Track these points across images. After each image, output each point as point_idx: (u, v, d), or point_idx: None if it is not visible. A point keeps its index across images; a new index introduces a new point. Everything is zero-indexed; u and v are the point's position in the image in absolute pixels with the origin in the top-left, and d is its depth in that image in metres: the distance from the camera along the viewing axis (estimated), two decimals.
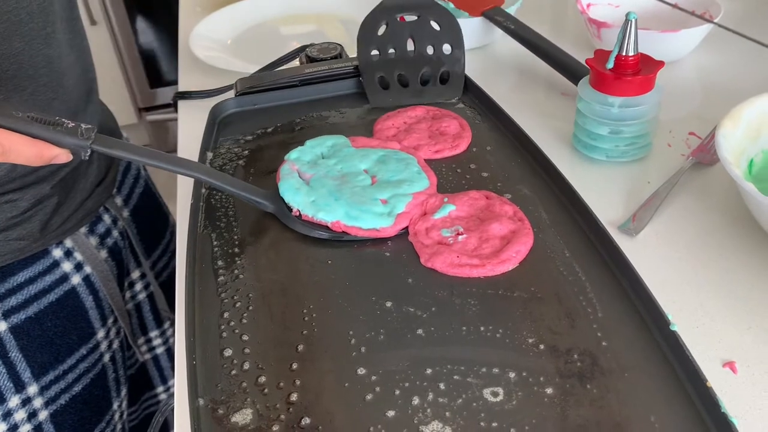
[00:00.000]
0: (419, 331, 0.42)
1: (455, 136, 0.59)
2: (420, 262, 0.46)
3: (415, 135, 0.59)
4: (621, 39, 0.58)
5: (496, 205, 0.50)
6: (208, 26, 0.93)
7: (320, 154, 0.56)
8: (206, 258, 0.48)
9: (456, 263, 0.46)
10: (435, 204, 0.51)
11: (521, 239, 0.47)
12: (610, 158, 0.62)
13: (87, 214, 0.65)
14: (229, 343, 0.42)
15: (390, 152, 0.56)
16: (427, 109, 0.62)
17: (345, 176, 0.53)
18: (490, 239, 0.48)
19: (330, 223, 0.49)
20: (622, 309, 0.42)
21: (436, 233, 0.48)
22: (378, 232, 0.49)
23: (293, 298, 0.44)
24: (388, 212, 0.50)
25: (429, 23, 0.63)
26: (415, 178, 0.53)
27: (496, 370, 0.39)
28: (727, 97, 0.70)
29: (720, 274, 0.50)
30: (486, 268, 0.45)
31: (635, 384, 0.38)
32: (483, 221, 0.49)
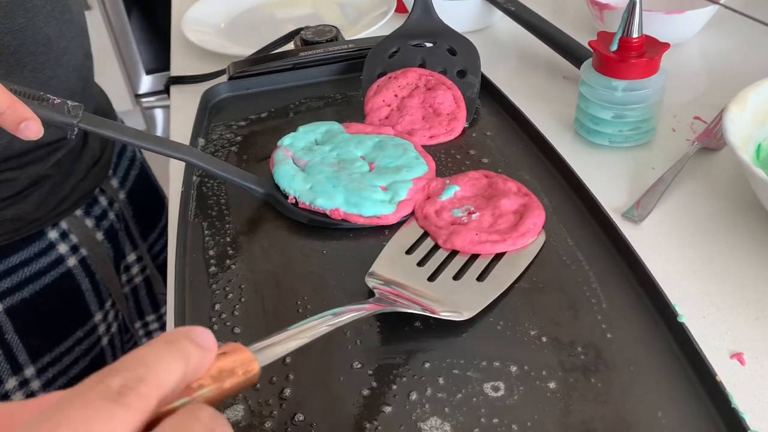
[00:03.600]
0: (417, 323, 0.40)
1: (450, 117, 0.57)
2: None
3: (408, 117, 0.57)
4: (625, 21, 0.56)
5: (498, 182, 0.49)
6: (201, 9, 0.91)
7: (314, 140, 0.55)
8: (197, 248, 0.47)
9: (477, 241, 0.44)
10: (438, 187, 0.49)
11: (534, 212, 0.46)
12: (613, 143, 0.60)
13: (83, 195, 0.64)
14: (221, 337, 0.40)
15: (386, 138, 0.54)
16: (419, 75, 0.60)
17: (341, 162, 0.52)
18: (503, 214, 0.46)
19: (329, 210, 0.48)
20: (628, 300, 0.40)
21: (448, 214, 0.47)
22: (379, 220, 0.47)
23: (287, 290, 0.43)
24: (389, 199, 0.48)
25: (444, 50, 0.61)
26: (414, 164, 0.51)
27: (497, 364, 0.37)
28: (733, 81, 0.69)
29: (726, 262, 0.49)
30: (507, 242, 0.44)
31: (641, 378, 0.36)
32: (490, 199, 0.48)
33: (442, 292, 0.41)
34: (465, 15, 0.80)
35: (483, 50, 0.80)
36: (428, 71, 0.59)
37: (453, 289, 0.42)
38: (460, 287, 0.42)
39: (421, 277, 0.43)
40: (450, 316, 0.39)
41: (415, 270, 0.43)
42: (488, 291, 0.41)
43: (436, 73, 0.59)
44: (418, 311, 0.39)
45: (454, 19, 0.81)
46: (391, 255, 0.45)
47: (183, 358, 0.24)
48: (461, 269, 0.43)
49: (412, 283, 0.42)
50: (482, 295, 0.41)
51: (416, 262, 0.44)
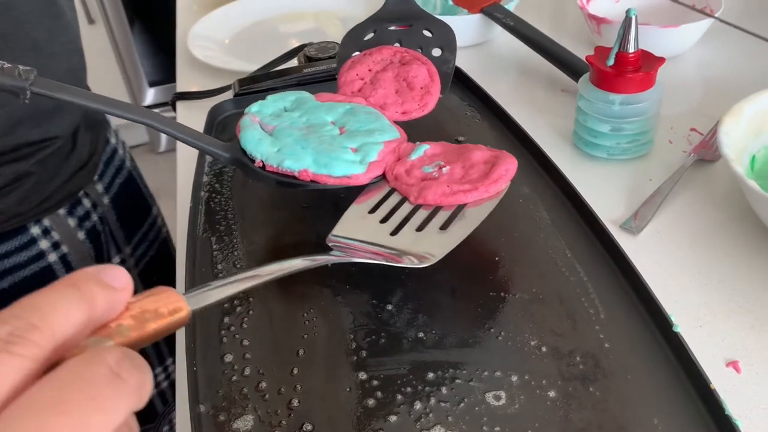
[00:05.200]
0: (420, 334, 0.41)
1: (423, 90, 0.56)
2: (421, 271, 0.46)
3: (382, 91, 0.56)
4: (621, 36, 0.58)
5: (468, 145, 0.49)
6: (205, 25, 0.92)
7: (283, 107, 0.53)
8: (206, 262, 0.48)
9: (449, 192, 0.44)
10: (408, 147, 0.49)
11: (506, 160, 0.46)
12: (611, 156, 0.62)
13: (66, 195, 0.66)
14: (230, 349, 0.41)
15: (357, 105, 0.54)
16: (394, 51, 0.59)
17: (311, 127, 0.50)
18: (474, 165, 0.46)
19: (297, 171, 0.46)
20: (625, 310, 0.42)
21: (418, 172, 0.47)
22: (349, 180, 0.46)
23: (293, 302, 0.44)
24: (359, 160, 0.47)
25: (421, 32, 0.62)
26: (386, 128, 0.51)
27: (498, 374, 0.38)
28: (728, 93, 0.70)
29: (723, 272, 0.50)
30: (480, 190, 0.44)
31: (638, 386, 0.37)
32: (461, 153, 0.48)
33: (405, 243, 0.42)
34: (464, 30, 0.81)
35: (482, 64, 0.82)
36: (403, 48, 0.60)
37: (416, 239, 0.42)
38: (424, 237, 0.42)
39: (384, 232, 0.43)
40: (414, 264, 0.40)
41: (378, 227, 0.43)
42: (452, 238, 0.42)
43: (412, 50, 0.60)
44: (381, 262, 0.40)
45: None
46: (354, 215, 0.45)
47: (86, 301, 0.23)
48: (424, 221, 0.43)
49: (375, 239, 0.42)
50: (446, 242, 0.41)
51: (379, 220, 0.44)
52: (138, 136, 2.34)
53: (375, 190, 0.47)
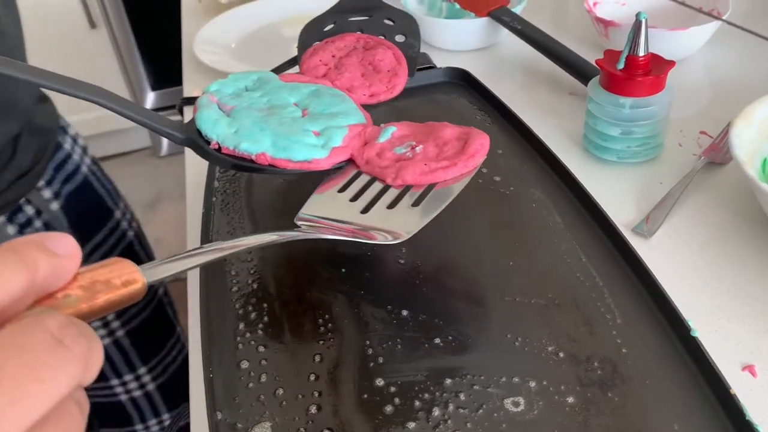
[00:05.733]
0: (437, 340, 0.41)
1: (391, 73, 0.55)
2: (429, 272, 0.46)
3: (348, 75, 0.54)
4: (631, 39, 0.58)
5: (435, 123, 0.48)
6: (211, 30, 0.92)
7: (244, 87, 0.51)
8: (218, 268, 0.48)
9: (427, 170, 0.44)
10: (374, 131, 0.48)
11: (478, 135, 0.46)
12: (621, 159, 0.62)
13: (5, 204, 0.65)
14: (246, 355, 0.41)
15: (323, 87, 0.52)
16: (358, 37, 0.58)
17: (272, 108, 0.48)
18: (447, 142, 0.46)
19: (254, 155, 0.45)
20: (641, 314, 0.41)
21: (390, 153, 0.46)
22: (310, 165, 0.45)
23: (308, 308, 0.44)
24: (321, 144, 0.46)
25: (382, 21, 0.60)
26: (351, 112, 0.49)
27: (516, 380, 0.38)
28: (737, 95, 0.70)
29: (736, 275, 0.50)
30: (459, 165, 0.43)
31: (657, 391, 0.37)
32: (431, 132, 0.47)
33: (377, 220, 0.41)
34: (471, 33, 0.81)
35: (489, 68, 0.82)
36: (366, 35, 0.58)
37: (388, 217, 0.42)
38: (396, 214, 0.42)
39: (355, 210, 0.42)
40: (387, 241, 0.40)
41: (348, 205, 0.43)
42: (425, 214, 0.41)
43: (375, 36, 0.58)
44: (352, 238, 0.40)
45: (460, 38, 0.83)
46: (322, 196, 0.44)
47: (26, 267, 0.21)
48: (395, 199, 0.43)
49: (345, 217, 0.42)
50: (419, 217, 0.41)
51: (349, 199, 0.43)
52: (139, 140, 2.34)
53: (342, 176, 0.46)
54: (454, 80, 0.66)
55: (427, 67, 0.67)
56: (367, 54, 0.56)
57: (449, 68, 0.66)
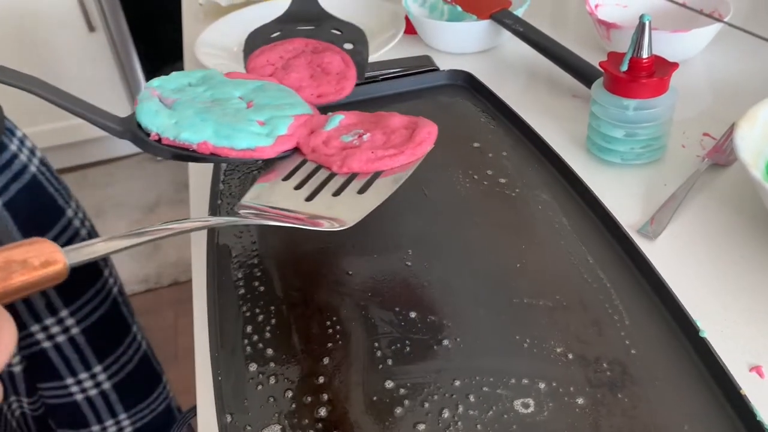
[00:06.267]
0: (445, 342, 0.41)
1: (339, 75, 0.54)
2: (436, 274, 0.46)
3: (295, 75, 0.54)
4: (635, 41, 0.58)
5: (383, 113, 0.48)
6: (213, 33, 0.92)
7: (187, 83, 0.51)
8: (226, 270, 0.48)
9: (374, 158, 0.43)
10: (321, 120, 0.47)
11: (426, 124, 0.45)
12: (625, 161, 0.62)
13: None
14: (254, 358, 0.41)
15: (269, 83, 0.51)
16: (306, 42, 0.58)
17: (216, 101, 0.47)
18: (395, 131, 0.46)
19: (196, 144, 0.44)
20: (649, 315, 0.42)
21: (337, 142, 0.45)
22: (254, 153, 0.44)
23: (315, 310, 0.44)
24: (266, 133, 0.45)
25: (329, 30, 0.60)
26: (298, 105, 0.48)
27: (526, 381, 0.38)
28: (739, 97, 0.70)
29: (741, 276, 0.50)
30: (406, 153, 0.43)
31: (667, 392, 0.37)
32: (378, 121, 0.47)
33: (321, 208, 0.41)
34: (473, 36, 0.81)
35: (492, 70, 0.82)
36: (315, 41, 0.58)
37: (333, 204, 0.41)
38: (341, 201, 0.41)
39: (299, 198, 0.42)
40: (331, 228, 0.39)
41: (292, 193, 0.43)
42: (369, 202, 0.41)
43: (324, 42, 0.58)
44: (296, 225, 0.39)
45: (462, 40, 0.83)
46: (266, 184, 0.44)
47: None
48: (341, 187, 0.43)
49: (289, 205, 0.41)
50: (364, 204, 0.41)
51: (293, 186, 0.43)
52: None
53: (287, 164, 0.45)
54: (458, 83, 0.67)
55: (430, 69, 0.67)
56: (315, 57, 0.55)
57: (453, 71, 0.66)
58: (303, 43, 0.57)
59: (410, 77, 0.66)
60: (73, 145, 2.17)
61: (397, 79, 0.66)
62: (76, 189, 0.87)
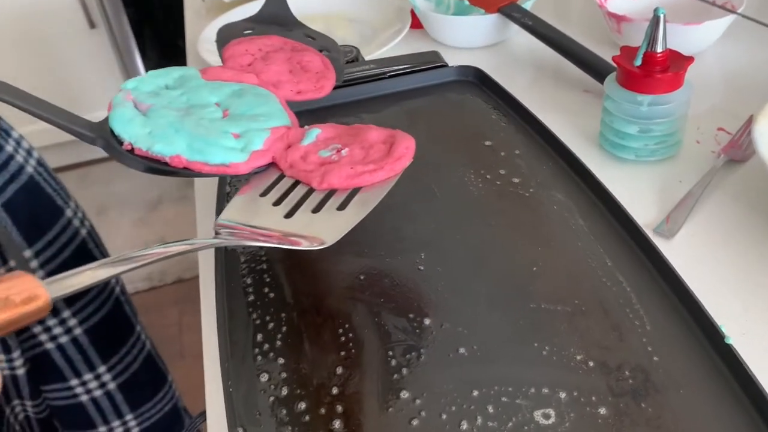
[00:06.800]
0: (461, 349, 0.40)
1: (319, 74, 0.54)
2: (450, 278, 0.45)
3: (275, 68, 0.53)
4: (650, 35, 0.57)
5: (360, 125, 0.47)
6: (215, 30, 0.91)
7: (164, 85, 0.50)
8: (235, 276, 0.47)
9: (353, 174, 0.43)
10: (298, 133, 0.47)
11: (404, 138, 0.45)
12: (639, 158, 0.60)
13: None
14: (265, 368, 0.40)
15: (247, 86, 0.50)
16: (284, 41, 0.57)
17: (191, 108, 0.46)
18: (373, 145, 0.45)
19: (168, 157, 0.43)
20: (671, 320, 0.40)
21: (315, 157, 0.45)
22: (227, 169, 0.43)
23: (327, 317, 0.43)
24: (240, 147, 0.44)
25: (302, 36, 0.60)
26: (275, 114, 0.47)
27: (546, 390, 0.37)
28: (753, 90, 0.69)
29: (762, 276, 0.49)
30: (386, 169, 0.43)
31: (692, 401, 0.36)
32: (356, 135, 0.46)
33: (299, 226, 0.40)
34: (481, 30, 0.80)
35: (500, 65, 0.80)
36: (293, 40, 0.57)
37: (312, 221, 0.41)
38: (320, 219, 0.41)
39: (278, 215, 0.41)
40: (311, 247, 0.39)
41: (271, 210, 0.42)
42: (349, 220, 0.40)
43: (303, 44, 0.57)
44: (274, 244, 0.39)
45: (469, 35, 0.81)
46: (243, 200, 0.43)
47: None
48: (320, 203, 0.42)
49: (267, 223, 0.41)
50: (344, 221, 0.40)
51: (272, 203, 0.42)
52: None
53: (263, 178, 0.45)
54: (467, 78, 0.65)
55: (438, 65, 0.66)
56: (295, 54, 0.55)
57: (462, 66, 0.65)
58: (281, 41, 0.57)
59: (418, 74, 0.65)
60: (74, 143, 2.15)
61: (404, 76, 0.65)
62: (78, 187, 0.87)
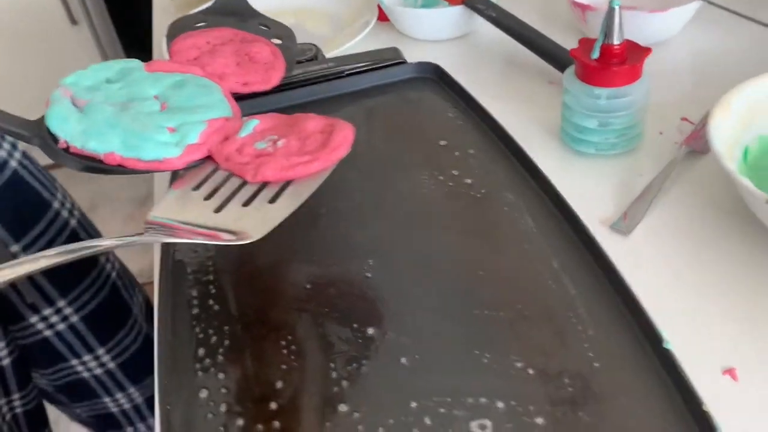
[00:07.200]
0: (403, 359, 0.40)
1: (267, 65, 0.54)
2: (396, 285, 0.44)
3: (221, 60, 0.53)
4: (605, 28, 0.56)
5: (300, 115, 0.47)
6: None
7: (105, 78, 0.49)
8: (182, 288, 0.46)
9: (287, 166, 0.42)
10: (235, 125, 0.46)
11: (342, 127, 0.44)
12: (599, 152, 0.60)
13: None
14: (205, 383, 0.40)
15: (190, 77, 0.49)
16: (235, 32, 0.57)
17: (129, 102, 0.46)
18: (310, 136, 0.45)
19: (103, 155, 0.43)
20: (614, 324, 0.40)
21: (251, 149, 0.44)
22: (161, 164, 0.43)
23: (271, 329, 0.43)
24: (175, 142, 0.44)
25: (257, 26, 0.59)
26: (215, 105, 0.47)
27: (484, 400, 0.37)
28: (719, 77, 0.68)
29: (718, 273, 0.48)
30: (321, 160, 0.42)
31: (630, 409, 0.36)
32: (294, 125, 0.46)
33: (228, 221, 0.40)
34: (446, 22, 0.79)
35: (466, 57, 0.79)
36: (245, 32, 0.57)
37: (242, 215, 0.40)
38: (250, 212, 0.41)
39: (208, 209, 0.41)
40: (234, 241, 0.39)
41: (202, 204, 0.42)
42: (280, 210, 0.40)
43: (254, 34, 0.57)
44: (198, 240, 0.39)
45: (434, 27, 0.80)
46: (176, 195, 0.43)
47: None
48: (252, 196, 0.42)
49: (196, 218, 0.41)
50: (274, 215, 0.40)
51: (203, 197, 0.42)
52: None
53: (199, 172, 0.44)
54: (426, 75, 0.64)
55: (398, 62, 0.65)
56: (244, 45, 0.54)
57: (420, 63, 0.64)
58: (232, 33, 0.57)
59: (376, 71, 0.64)
60: None
61: (362, 74, 0.64)
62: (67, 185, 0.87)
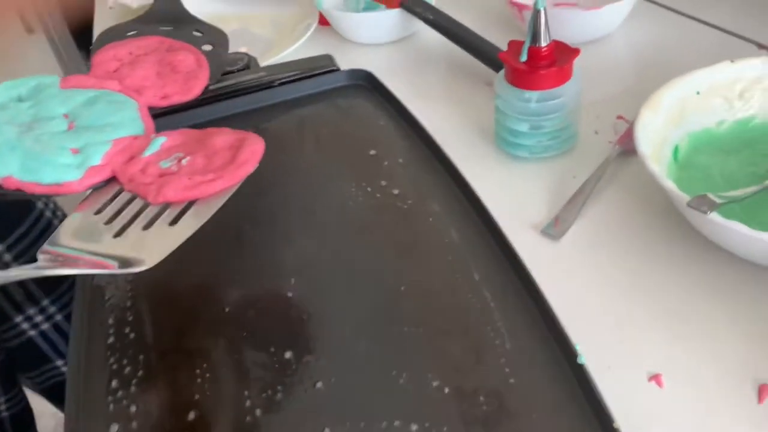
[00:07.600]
0: (319, 384, 0.39)
1: (189, 75, 0.53)
2: (317, 305, 0.43)
3: (140, 72, 0.52)
4: (532, 30, 0.55)
5: (211, 129, 0.46)
6: None
7: (16, 96, 0.48)
8: (99, 315, 0.45)
9: (190, 185, 0.41)
10: (142, 143, 0.45)
11: (251, 142, 0.43)
12: (533, 155, 0.59)
13: None
14: (116, 417, 0.39)
15: (103, 93, 0.48)
16: (162, 40, 0.56)
17: (35, 122, 0.45)
18: (217, 152, 0.43)
19: (1, 179, 0.42)
20: (532, 339, 0.39)
21: (155, 168, 0.43)
22: (60, 188, 0.42)
23: (186, 357, 0.41)
24: (77, 164, 0.43)
25: (190, 32, 0.58)
26: (126, 123, 0.46)
27: (398, 423, 0.36)
28: (657, 74, 0.67)
29: (646, 279, 0.48)
30: (225, 178, 0.41)
31: (542, 427, 0.35)
32: (203, 141, 0.45)
33: (129, 246, 0.39)
34: (383, 26, 0.78)
35: (405, 61, 0.78)
36: (172, 39, 0.56)
37: (142, 239, 0.39)
38: (150, 236, 0.39)
39: (108, 234, 0.40)
40: (127, 270, 0.37)
41: (102, 229, 0.40)
42: (179, 233, 0.39)
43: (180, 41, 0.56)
44: (88, 271, 0.38)
45: (372, 31, 0.79)
46: (77, 219, 0.41)
47: None
48: (152, 219, 0.40)
49: (95, 245, 0.39)
50: (172, 239, 0.39)
51: (104, 221, 0.41)
52: None
53: (102, 194, 0.43)
54: (359, 82, 0.63)
55: (330, 70, 0.64)
56: (167, 55, 0.53)
57: (352, 70, 0.63)
58: (158, 41, 0.55)
59: (309, 80, 0.63)
60: None
61: (295, 83, 0.63)
62: None
